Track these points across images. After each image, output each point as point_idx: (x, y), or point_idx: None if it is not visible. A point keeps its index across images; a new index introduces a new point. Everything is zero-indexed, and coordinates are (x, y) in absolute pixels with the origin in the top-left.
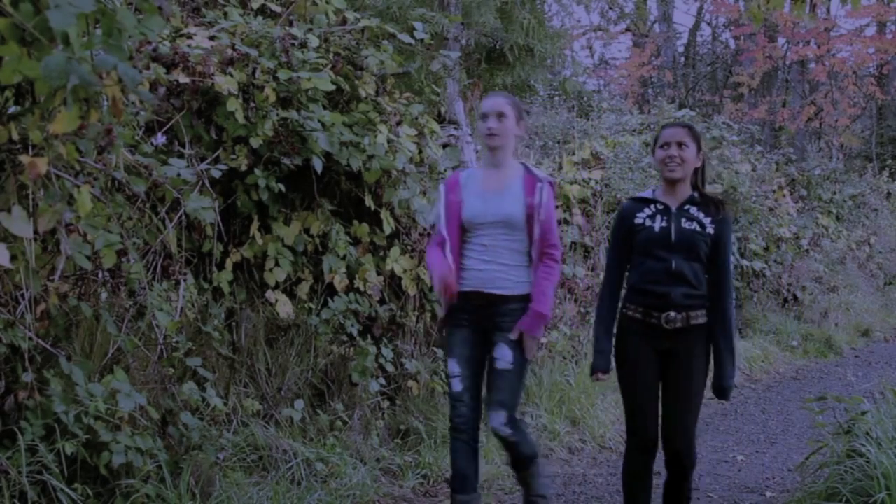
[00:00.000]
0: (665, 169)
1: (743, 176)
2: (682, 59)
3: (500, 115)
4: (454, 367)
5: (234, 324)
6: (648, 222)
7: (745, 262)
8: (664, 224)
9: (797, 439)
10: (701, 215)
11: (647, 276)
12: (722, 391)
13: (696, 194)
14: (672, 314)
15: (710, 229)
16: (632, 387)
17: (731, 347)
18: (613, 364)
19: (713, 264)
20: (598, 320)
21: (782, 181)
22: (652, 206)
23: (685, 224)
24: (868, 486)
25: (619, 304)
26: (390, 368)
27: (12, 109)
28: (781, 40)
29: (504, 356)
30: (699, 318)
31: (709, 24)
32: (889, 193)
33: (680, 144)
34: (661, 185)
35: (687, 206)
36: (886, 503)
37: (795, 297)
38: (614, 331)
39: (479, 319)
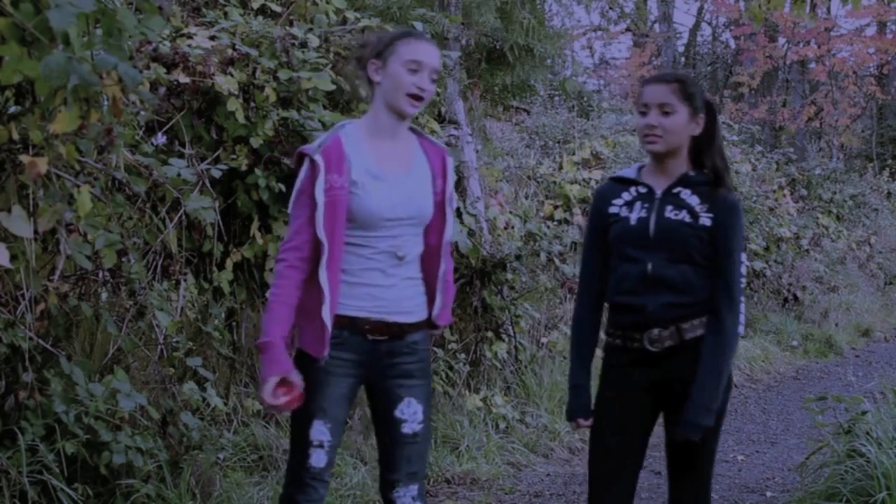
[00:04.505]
0: (643, 142)
1: (743, 176)
2: (683, 59)
3: (434, 74)
4: (321, 432)
5: (234, 324)
6: (624, 212)
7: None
8: (643, 214)
9: (797, 439)
10: (695, 201)
11: (620, 284)
12: (686, 425)
13: (692, 173)
14: (655, 332)
15: (704, 220)
16: (598, 444)
17: (716, 370)
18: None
19: (716, 265)
20: (572, 346)
21: (782, 181)
22: (632, 190)
23: (670, 213)
24: (868, 486)
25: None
26: None
27: (12, 109)
28: (781, 40)
29: (414, 415)
30: (697, 329)
31: (709, 23)
32: (889, 193)
33: (663, 108)
34: (648, 161)
35: (677, 189)
36: (887, 503)
37: (796, 297)
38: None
39: (373, 362)
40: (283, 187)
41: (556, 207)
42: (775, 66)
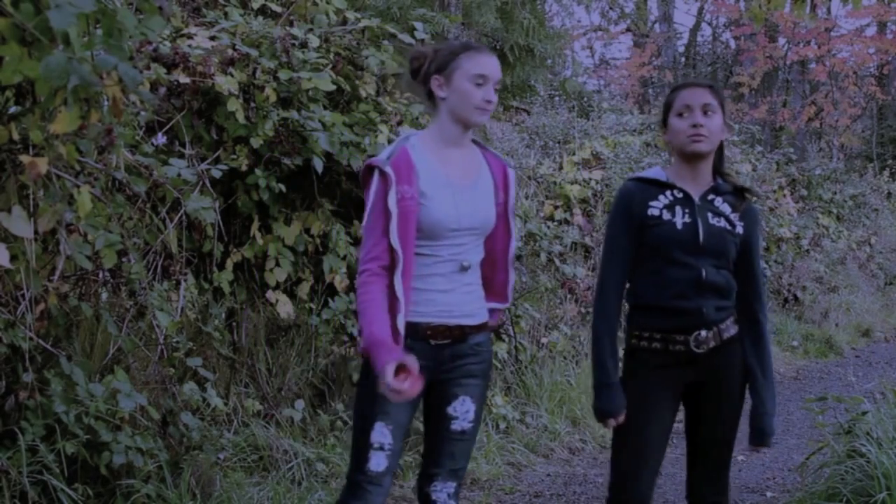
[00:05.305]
0: (688, 143)
1: (743, 176)
2: (683, 59)
3: (497, 84)
4: (383, 435)
5: (234, 324)
6: (667, 215)
7: None
8: (687, 219)
9: (797, 439)
10: (727, 209)
11: (668, 288)
12: (762, 435)
13: (720, 181)
14: (703, 333)
15: (739, 228)
16: (634, 443)
17: (770, 377)
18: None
19: (745, 272)
20: (600, 343)
21: (783, 181)
22: (669, 194)
23: (713, 220)
24: (869, 487)
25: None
26: None
27: (13, 109)
28: (782, 40)
29: (466, 414)
30: (730, 328)
31: (709, 24)
32: (889, 193)
33: (706, 109)
34: (675, 165)
35: (711, 197)
36: (887, 503)
37: (796, 298)
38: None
39: (437, 366)
40: (283, 188)
41: (556, 207)
42: (775, 66)
